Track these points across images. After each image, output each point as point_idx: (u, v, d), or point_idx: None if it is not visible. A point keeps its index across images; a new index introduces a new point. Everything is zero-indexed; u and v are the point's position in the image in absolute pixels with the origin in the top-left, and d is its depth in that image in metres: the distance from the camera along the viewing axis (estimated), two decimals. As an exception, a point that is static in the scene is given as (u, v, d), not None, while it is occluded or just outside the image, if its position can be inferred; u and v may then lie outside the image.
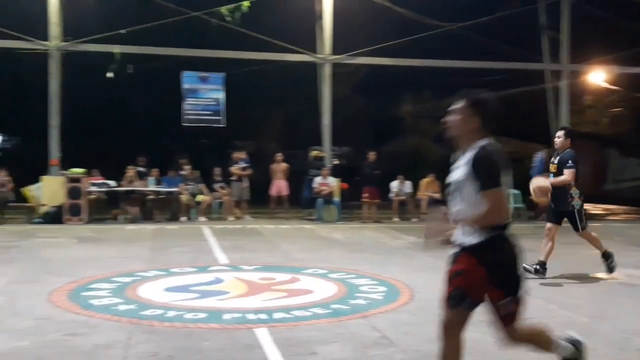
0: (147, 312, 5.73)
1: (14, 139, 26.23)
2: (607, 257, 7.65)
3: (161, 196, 14.34)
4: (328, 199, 14.68)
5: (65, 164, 14.35)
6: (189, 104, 15.79)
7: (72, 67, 14.95)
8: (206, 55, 15.86)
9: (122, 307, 5.92)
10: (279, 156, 15.56)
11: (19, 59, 15.43)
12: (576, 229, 7.52)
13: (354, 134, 21.11)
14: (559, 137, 7.59)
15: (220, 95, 15.94)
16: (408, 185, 15.24)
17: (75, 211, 13.33)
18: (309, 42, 15.86)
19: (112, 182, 14.24)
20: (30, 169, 15.35)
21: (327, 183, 14.80)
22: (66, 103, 14.76)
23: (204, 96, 15.91)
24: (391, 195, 15.17)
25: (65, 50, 14.51)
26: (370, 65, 17.06)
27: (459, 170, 3.40)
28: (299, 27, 15.91)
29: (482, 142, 3.35)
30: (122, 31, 14.51)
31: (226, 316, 5.61)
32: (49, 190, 13.84)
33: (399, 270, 7.94)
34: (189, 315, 5.61)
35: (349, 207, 15.51)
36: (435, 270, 4.52)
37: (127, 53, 14.83)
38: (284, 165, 15.54)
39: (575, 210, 7.41)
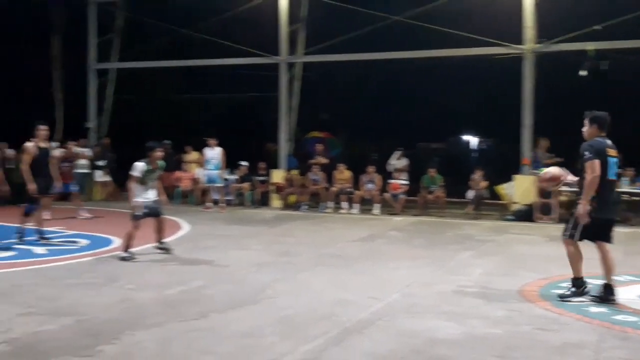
0: (620, 317, 5.52)
1: (488, 140, 28.09)
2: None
3: (635, 198, 13.44)
4: None
5: (536, 163, 14.67)
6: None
7: (543, 67, 15.17)
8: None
9: (593, 309, 5.82)
10: None
11: (492, 63, 16.38)
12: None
13: None
14: (584, 126, 6.35)
15: None
16: None
17: (546, 210, 13.52)
18: None
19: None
20: (503, 168, 16.16)
21: None
22: (537, 103, 15.06)
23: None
24: None
25: (539, 52, 14.82)
26: None
27: None
28: None
29: None
30: (597, 27, 14.06)
31: None
32: (520, 188, 14.39)
33: None
34: (666, 327, 5.19)
35: None
36: None
37: (602, 49, 14.29)
38: None
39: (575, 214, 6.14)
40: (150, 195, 8.61)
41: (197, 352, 4.61)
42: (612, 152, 6.21)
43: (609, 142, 6.24)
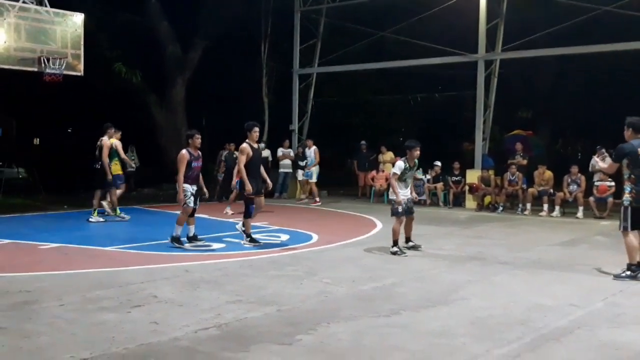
0: None
1: None
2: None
3: None
4: None
5: None
6: None
7: None
8: None
9: None
10: None
11: None
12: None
13: None
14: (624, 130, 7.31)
15: None
16: None
17: None
18: None
19: None
20: None
21: None
22: None
23: None
24: None
25: None
26: None
27: None
28: None
29: None
30: None
31: None
32: None
33: None
34: None
35: None
36: None
37: None
38: None
39: (622, 207, 7.24)
40: (407, 193, 9.07)
41: (388, 347, 4.72)
42: None
43: None
